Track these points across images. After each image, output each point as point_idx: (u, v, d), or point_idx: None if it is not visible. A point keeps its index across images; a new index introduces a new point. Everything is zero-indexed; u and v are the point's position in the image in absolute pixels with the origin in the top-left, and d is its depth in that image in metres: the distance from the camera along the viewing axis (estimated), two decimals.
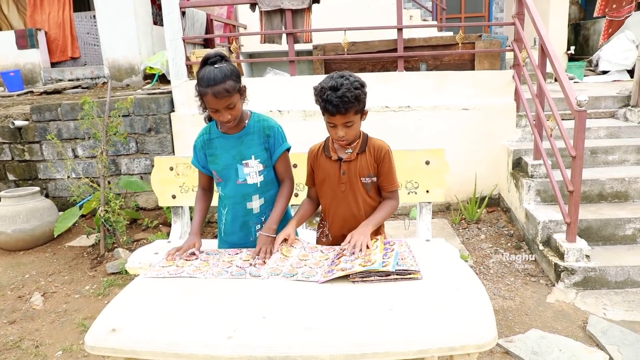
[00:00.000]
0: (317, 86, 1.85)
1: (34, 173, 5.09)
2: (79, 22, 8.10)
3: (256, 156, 2.01)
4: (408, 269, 1.66)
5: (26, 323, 3.13)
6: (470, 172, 4.46)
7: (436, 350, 1.28)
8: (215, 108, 1.84)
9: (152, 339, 1.38)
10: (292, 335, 1.35)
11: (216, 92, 1.78)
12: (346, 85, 1.77)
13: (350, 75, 1.83)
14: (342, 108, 1.77)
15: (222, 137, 2.01)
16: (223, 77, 1.79)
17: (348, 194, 1.99)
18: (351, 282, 1.64)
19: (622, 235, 3.41)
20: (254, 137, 2.01)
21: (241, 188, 2.02)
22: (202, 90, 1.81)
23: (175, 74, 4.72)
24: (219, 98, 1.79)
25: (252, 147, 2.00)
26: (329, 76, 1.85)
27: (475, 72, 4.66)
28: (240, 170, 2.00)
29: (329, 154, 2.00)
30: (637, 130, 4.31)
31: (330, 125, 1.87)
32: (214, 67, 1.81)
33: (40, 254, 4.28)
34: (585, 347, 2.50)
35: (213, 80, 1.78)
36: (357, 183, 1.97)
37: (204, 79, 1.80)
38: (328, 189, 2.02)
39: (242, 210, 2.06)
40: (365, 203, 2.00)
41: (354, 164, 1.96)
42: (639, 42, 6.89)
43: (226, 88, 1.79)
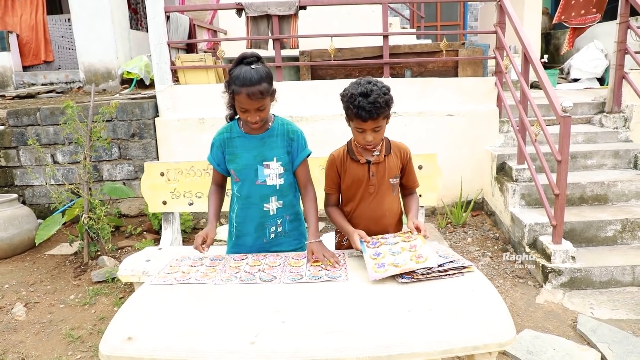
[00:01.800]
0: (346, 93, 1.87)
1: (10, 179, 4.92)
2: (52, 25, 7.89)
3: (278, 158, 2.01)
4: (464, 265, 1.72)
5: (9, 335, 3.01)
6: (456, 176, 4.55)
7: (460, 349, 1.30)
8: (246, 108, 1.84)
9: (172, 347, 1.35)
10: (315, 339, 1.35)
11: (250, 93, 1.78)
12: (376, 91, 1.80)
13: (377, 81, 1.87)
14: (374, 114, 1.80)
15: (243, 137, 2.01)
16: (259, 79, 1.79)
17: (376, 195, 2.04)
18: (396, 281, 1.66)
19: (604, 236, 3.54)
20: (277, 140, 2.01)
21: (260, 189, 2.02)
22: (236, 89, 1.80)
23: (160, 79, 4.66)
24: (252, 99, 1.79)
25: (275, 149, 2.00)
26: (355, 82, 1.88)
27: (459, 79, 4.77)
28: (261, 171, 2.00)
29: (355, 157, 2.02)
30: (612, 135, 4.49)
31: (359, 130, 1.89)
32: (250, 68, 1.81)
33: (19, 263, 4.12)
34: (577, 346, 2.58)
35: (249, 81, 1.78)
36: (384, 184, 2.03)
37: (239, 78, 1.79)
38: (356, 191, 2.05)
39: (259, 211, 2.04)
40: (390, 203, 2.07)
41: (382, 165, 2.01)
42: (608, 52, 7.18)
43: (261, 90, 1.79)
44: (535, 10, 7.79)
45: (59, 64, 7.99)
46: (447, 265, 1.69)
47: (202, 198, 3.12)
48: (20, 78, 7.52)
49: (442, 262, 1.70)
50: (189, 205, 3.14)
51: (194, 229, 4.68)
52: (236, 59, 1.87)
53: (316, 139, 4.47)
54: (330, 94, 4.23)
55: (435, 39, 7.97)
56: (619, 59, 4.37)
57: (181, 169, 3.11)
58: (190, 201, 3.13)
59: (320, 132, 4.48)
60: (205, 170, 3.10)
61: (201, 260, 1.99)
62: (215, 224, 2.04)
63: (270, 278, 1.76)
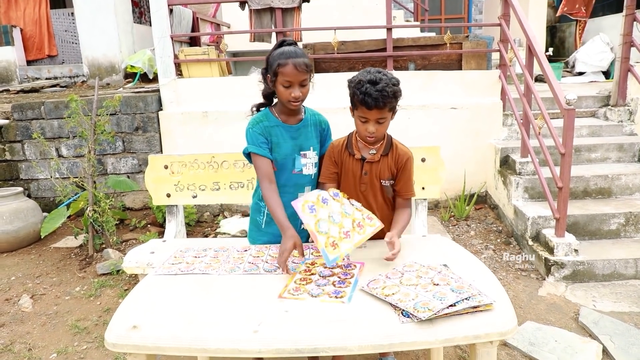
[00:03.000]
0: (354, 79, 1.87)
1: (15, 173, 4.95)
2: (56, 19, 7.90)
3: (314, 148, 2.06)
4: (481, 302, 1.40)
5: (16, 326, 3.04)
6: (459, 169, 4.55)
7: (462, 338, 1.31)
8: (291, 81, 1.86)
9: (176, 335, 1.37)
10: (317, 328, 1.36)
11: (297, 64, 1.83)
12: (385, 81, 1.79)
13: (387, 72, 1.87)
14: (380, 102, 1.78)
15: (282, 127, 2.00)
16: (302, 54, 1.88)
17: (367, 194, 2.01)
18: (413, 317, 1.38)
19: (607, 229, 3.53)
20: (311, 130, 2.06)
21: (296, 178, 2.04)
22: (282, 61, 1.84)
23: (163, 72, 4.66)
24: (299, 70, 1.83)
25: (310, 139, 2.05)
26: (365, 70, 1.87)
27: (463, 72, 4.75)
28: (298, 161, 2.02)
29: (352, 151, 1.99)
30: (617, 128, 4.47)
31: (362, 120, 1.86)
32: (292, 46, 1.90)
33: (25, 256, 4.16)
34: (579, 338, 2.59)
35: (295, 53, 1.85)
36: (377, 185, 2.00)
37: (284, 53, 1.85)
38: (348, 187, 2.02)
39: (291, 197, 1.97)
40: (381, 205, 2.03)
41: (376, 165, 1.97)
42: (613, 45, 7.14)
43: (305, 62, 1.86)
44: (540, 2, 7.74)
45: (63, 58, 8.01)
46: (461, 305, 1.37)
47: (205, 191, 3.14)
48: (25, 72, 7.55)
49: (454, 301, 1.38)
50: (192, 197, 3.15)
51: (197, 221, 4.70)
52: (276, 44, 1.95)
53: None
54: (334, 87, 4.23)
55: (439, 31, 7.94)
56: (624, 52, 4.35)
57: (185, 161, 3.12)
58: (194, 194, 3.15)
59: None
60: (209, 163, 3.11)
61: (205, 251, 2.00)
62: (292, 228, 1.81)
63: (273, 268, 1.77)
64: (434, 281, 1.53)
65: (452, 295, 1.41)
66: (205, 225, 4.64)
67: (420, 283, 1.53)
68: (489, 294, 1.45)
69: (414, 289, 1.50)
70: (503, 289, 1.54)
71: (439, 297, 1.41)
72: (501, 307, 1.40)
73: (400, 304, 1.41)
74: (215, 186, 3.13)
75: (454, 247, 1.98)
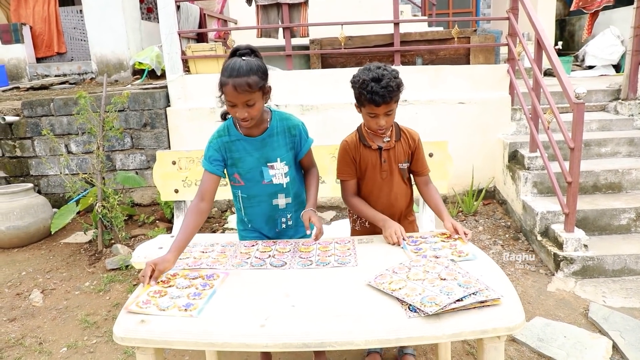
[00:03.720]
0: (357, 79, 1.88)
1: (26, 169, 5.00)
2: (64, 16, 7.95)
3: (282, 158, 1.96)
4: (488, 297, 1.39)
5: (27, 320, 3.08)
6: (467, 165, 4.52)
7: (469, 333, 1.31)
8: (234, 102, 1.74)
9: (183, 329, 1.38)
10: (324, 322, 1.36)
11: (237, 84, 1.69)
12: (387, 76, 1.82)
13: (386, 65, 1.88)
14: (387, 97, 1.82)
15: (244, 140, 1.92)
16: (248, 71, 1.70)
17: (388, 181, 2.07)
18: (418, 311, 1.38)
19: (618, 225, 3.50)
20: (279, 139, 1.95)
21: (267, 187, 1.99)
22: (223, 80, 1.73)
23: (170, 69, 4.68)
24: (238, 91, 1.70)
25: (277, 149, 1.95)
26: (365, 68, 1.88)
27: (471, 67, 4.72)
28: (266, 172, 1.96)
29: (367, 143, 2.04)
30: (627, 122, 4.42)
31: (371, 115, 1.90)
32: (241, 59, 1.73)
33: (35, 251, 4.21)
34: (589, 333, 2.57)
35: (237, 72, 1.69)
36: (395, 169, 2.06)
37: (227, 69, 1.72)
38: (369, 178, 2.08)
39: (268, 206, 2.03)
40: (401, 188, 2.11)
41: (392, 151, 2.04)
42: (624, 38, 7.04)
43: (248, 82, 1.70)
44: None
45: (72, 55, 8.06)
46: (468, 300, 1.37)
47: None
48: (34, 70, 7.61)
49: (461, 295, 1.38)
50: None
51: None
52: (230, 51, 1.80)
53: (327, 127, 4.48)
54: (341, 82, 4.21)
55: (447, 26, 7.86)
56: (635, 45, 4.28)
57: (192, 157, 3.13)
58: None
59: (331, 120, 4.47)
60: None
61: (212, 246, 2.01)
62: (176, 256, 1.73)
63: (280, 263, 1.78)
64: (441, 276, 1.52)
65: (459, 290, 1.40)
66: (213, 221, 4.65)
67: (427, 278, 1.53)
68: (496, 289, 1.44)
69: (421, 283, 1.49)
70: (511, 284, 1.53)
71: (446, 292, 1.40)
72: (509, 302, 1.39)
73: (407, 298, 1.41)
74: (223, 182, 3.13)
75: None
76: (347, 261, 1.77)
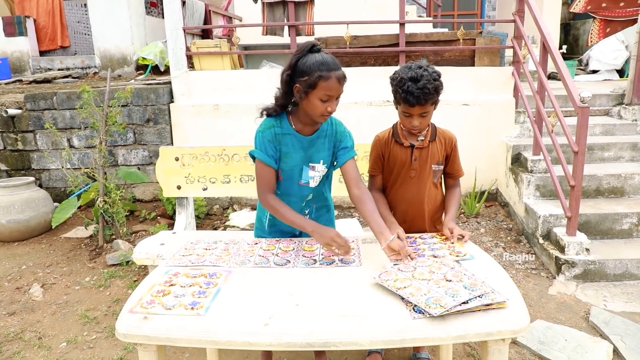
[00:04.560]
0: (395, 76, 1.87)
1: (27, 163, 5.00)
2: (69, 10, 7.93)
3: (324, 161, 1.94)
4: (493, 300, 1.37)
5: (26, 314, 3.08)
6: (470, 166, 4.51)
7: (474, 335, 1.30)
8: (330, 95, 1.72)
9: (187, 327, 1.37)
10: (328, 322, 1.36)
11: (340, 77, 1.71)
12: (426, 77, 1.79)
13: (428, 66, 1.85)
14: (422, 99, 1.80)
15: (295, 136, 1.88)
16: (339, 65, 1.74)
17: (417, 180, 2.05)
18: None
19: (620, 229, 3.49)
20: (325, 141, 1.93)
21: (302, 189, 1.97)
22: (324, 74, 1.68)
23: (175, 64, 4.67)
24: (341, 83, 1.72)
25: (322, 152, 1.93)
26: (406, 66, 1.87)
27: (476, 68, 4.71)
28: (305, 173, 1.93)
29: (400, 140, 2.03)
30: (631, 127, 4.41)
31: (406, 115, 1.89)
32: (324, 54, 1.73)
33: (35, 245, 4.20)
34: (589, 337, 2.56)
35: (335, 65, 1.71)
36: (426, 169, 2.04)
37: (324, 63, 1.69)
38: (398, 174, 2.07)
39: (298, 207, 2.00)
40: (429, 189, 2.08)
41: (425, 150, 2.02)
42: (628, 43, 7.03)
43: (344, 75, 1.74)
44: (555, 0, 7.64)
45: (75, 49, 8.04)
46: (473, 303, 1.36)
47: (216, 183, 3.15)
48: (37, 63, 7.60)
49: (467, 298, 1.37)
50: (203, 190, 3.17)
51: (207, 214, 4.72)
52: (303, 48, 1.75)
53: None
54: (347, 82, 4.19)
55: (452, 27, 7.86)
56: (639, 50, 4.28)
57: (196, 154, 3.13)
58: (204, 186, 3.16)
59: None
60: (220, 155, 3.11)
61: (216, 244, 2.01)
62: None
63: (284, 262, 1.77)
64: (447, 277, 1.52)
65: (464, 293, 1.40)
66: (215, 218, 4.65)
67: (433, 278, 1.52)
68: (501, 291, 1.44)
69: (426, 283, 1.49)
70: (515, 287, 1.53)
71: (452, 294, 1.39)
72: (514, 305, 1.39)
73: (412, 298, 1.40)
74: (226, 179, 3.14)
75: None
76: (351, 260, 1.77)
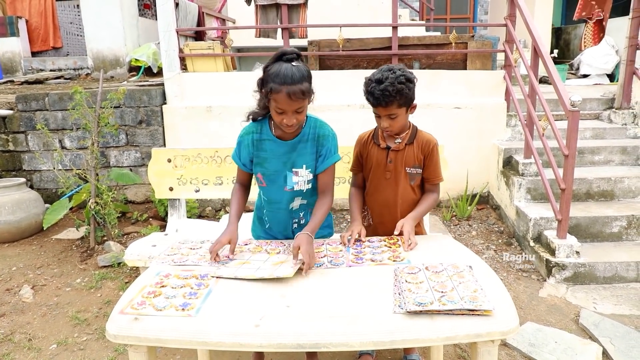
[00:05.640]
0: (366, 77, 1.90)
1: (18, 164, 4.96)
2: (61, 11, 7.90)
3: (307, 165, 1.93)
4: (478, 308, 1.36)
5: (16, 316, 3.05)
6: (462, 169, 4.54)
7: (463, 336, 1.31)
8: (284, 109, 1.70)
9: (178, 328, 1.37)
10: (319, 323, 1.36)
11: (292, 92, 1.65)
12: (390, 79, 1.80)
13: (399, 69, 1.85)
14: (382, 101, 1.81)
15: (274, 141, 1.89)
16: (301, 78, 1.68)
17: (392, 182, 2.06)
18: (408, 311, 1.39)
19: (609, 232, 3.53)
20: (307, 145, 1.91)
21: (287, 194, 1.97)
22: (275, 87, 1.67)
23: (168, 66, 4.66)
24: (292, 99, 1.67)
25: (304, 156, 1.91)
26: (380, 69, 1.89)
27: (468, 72, 4.75)
28: (289, 178, 1.93)
29: (377, 141, 2.05)
30: (621, 131, 4.46)
31: (376, 115, 1.93)
32: (291, 65, 1.68)
33: (26, 247, 4.17)
34: (579, 339, 2.59)
35: (291, 79, 1.65)
36: (402, 172, 2.04)
37: (279, 75, 1.66)
38: (374, 175, 2.09)
39: (286, 212, 2.02)
40: (405, 192, 2.07)
41: (401, 153, 2.02)
42: (619, 48, 7.11)
43: (302, 90, 1.67)
44: (547, 4, 7.72)
45: (68, 50, 8.01)
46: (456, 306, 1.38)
47: (208, 185, 3.14)
48: (29, 64, 7.56)
49: (452, 307, 1.37)
50: (195, 192, 3.16)
51: (199, 216, 4.70)
52: (275, 55, 1.74)
53: None
54: (338, 84, 4.22)
55: (444, 31, 7.91)
56: (630, 55, 4.33)
57: (188, 155, 3.12)
58: (196, 188, 3.15)
59: (327, 122, 4.46)
60: (212, 157, 3.11)
61: (202, 243, 2.00)
62: (237, 225, 1.89)
63: (259, 266, 1.75)
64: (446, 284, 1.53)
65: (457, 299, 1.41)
66: (206, 220, 4.63)
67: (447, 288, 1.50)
68: (491, 293, 1.45)
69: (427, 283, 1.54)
70: (505, 289, 1.55)
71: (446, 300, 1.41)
72: (503, 307, 1.40)
73: (409, 293, 1.45)
74: (218, 181, 3.14)
75: (451, 246, 1.98)
76: (340, 262, 1.77)
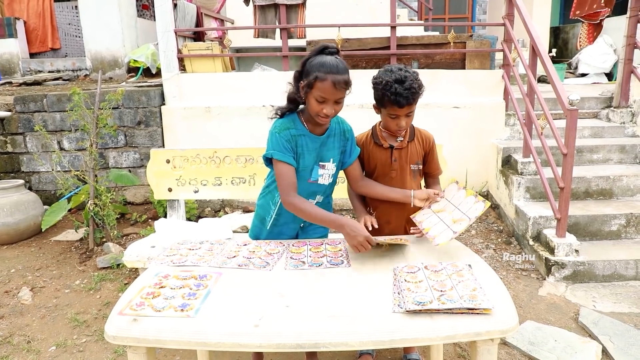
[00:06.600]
0: (379, 80, 1.90)
1: (17, 165, 4.95)
2: (59, 12, 7.90)
3: (334, 159, 1.99)
4: (477, 307, 1.37)
5: (15, 318, 3.05)
6: (461, 169, 4.54)
7: (463, 335, 1.31)
8: (326, 98, 1.76)
9: (176, 329, 1.37)
10: (318, 323, 1.36)
11: (337, 81, 1.73)
12: (410, 77, 1.85)
13: (407, 67, 1.91)
14: (411, 99, 1.85)
15: (308, 136, 1.91)
16: (344, 69, 1.76)
17: (397, 180, 2.08)
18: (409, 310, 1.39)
19: (608, 230, 3.53)
20: (334, 140, 1.98)
21: (311, 186, 1.98)
22: (320, 75, 1.72)
23: (166, 67, 4.66)
24: (337, 88, 1.74)
25: (332, 150, 1.98)
26: (387, 70, 1.91)
27: (466, 71, 4.75)
28: (315, 171, 1.96)
29: (379, 142, 2.07)
30: (619, 130, 4.46)
31: (392, 116, 1.93)
32: (334, 57, 1.77)
33: (25, 249, 4.16)
34: (579, 338, 2.59)
35: (336, 69, 1.73)
36: (407, 169, 2.08)
37: (325, 65, 1.73)
38: (379, 175, 2.10)
39: None
40: (410, 188, 2.09)
41: (404, 151, 2.06)
42: (617, 47, 7.12)
43: (345, 80, 1.76)
44: (545, 3, 7.73)
45: (66, 51, 8.00)
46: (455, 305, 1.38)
47: (207, 186, 3.14)
48: (27, 65, 7.54)
49: (451, 306, 1.37)
50: (194, 192, 3.16)
51: (198, 217, 4.70)
52: (316, 49, 1.82)
53: None
54: None
55: (443, 30, 7.92)
56: (628, 53, 4.33)
57: (187, 156, 3.12)
58: (195, 189, 3.15)
59: None
60: (211, 158, 3.11)
61: (201, 244, 2.00)
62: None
63: (263, 264, 1.76)
64: (445, 282, 1.53)
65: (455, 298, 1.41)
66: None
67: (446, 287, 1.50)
68: (491, 292, 1.45)
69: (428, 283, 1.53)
70: (505, 288, 1.55)
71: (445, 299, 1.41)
72: (502, 305, 1.40)
73: (408, 293, 1.45)
74: (217, 181, 3.14)
75: (455, 245, 1.98)
76: (339, 262, 1.77)
